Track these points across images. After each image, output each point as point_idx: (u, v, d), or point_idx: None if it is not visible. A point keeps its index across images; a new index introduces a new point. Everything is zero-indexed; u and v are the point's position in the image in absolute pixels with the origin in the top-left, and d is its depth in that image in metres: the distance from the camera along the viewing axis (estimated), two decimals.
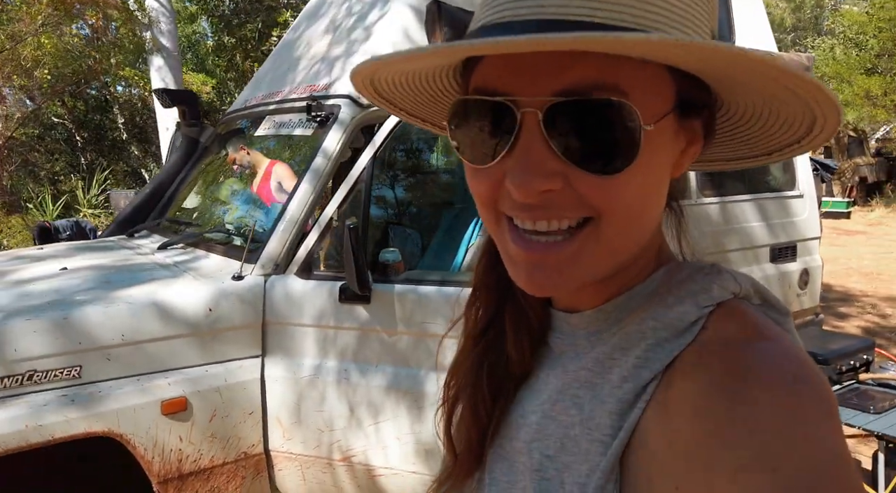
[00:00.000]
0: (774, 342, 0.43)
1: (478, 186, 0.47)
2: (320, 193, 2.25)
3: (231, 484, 2.09)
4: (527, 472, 0.52)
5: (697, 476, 0.38)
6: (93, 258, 2.41)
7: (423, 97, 0.55)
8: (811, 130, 0.44)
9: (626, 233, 0.46)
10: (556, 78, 0.41)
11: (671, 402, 0.43)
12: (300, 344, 2.10)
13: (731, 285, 0.48)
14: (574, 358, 0.53)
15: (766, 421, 0.38)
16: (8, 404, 1.75)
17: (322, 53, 2.79)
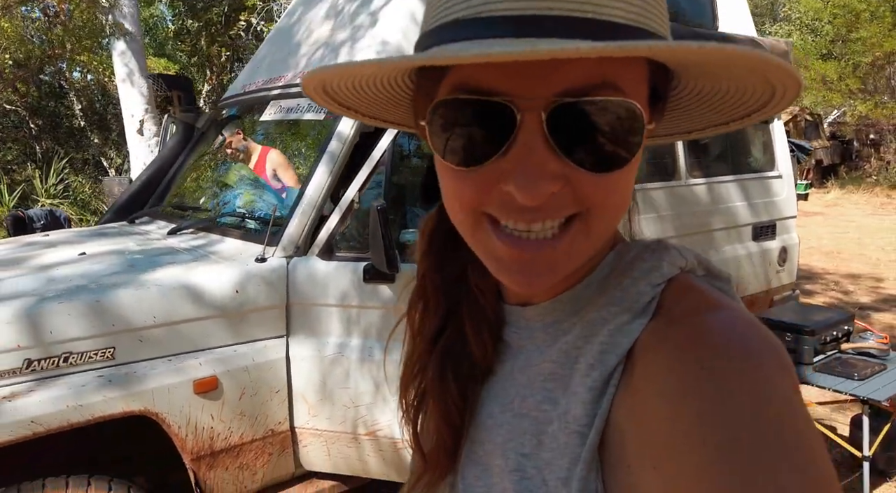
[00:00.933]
0: (727, 311, 0.44)
1: (462, 189, 0.45)
2: (337, 176, 2.30)
3: (259, 461, 2.15)
4: (504, 474, 0.51)
5: (671, 453, 0.39)
6: (108, 244, 2.42)
7: (381, 99, 0.52)
8: (770, 100, 0.44)
9: (612, 224, 0.47)
10: (556, 77, 0.40)
11: (637, 383, 0.44)
12: (324, 324, 2.16)
13: (678, 260, 0.49)
14: (535, 352, 0.52)
15: (727, 389, 0.38)
16: (47, 385, 1.77)
17: (325, 39, 2.82)
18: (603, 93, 0.41)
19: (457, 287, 0.57)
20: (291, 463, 2.24)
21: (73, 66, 13.89)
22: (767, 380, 0.39)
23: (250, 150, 3.42)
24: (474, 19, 0.41)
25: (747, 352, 0.40)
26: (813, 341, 2.64)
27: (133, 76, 7.80)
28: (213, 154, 3.41)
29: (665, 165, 3.19)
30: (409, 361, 0.61)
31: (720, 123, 0.50)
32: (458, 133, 0.43)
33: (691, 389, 0.39)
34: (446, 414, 0.56)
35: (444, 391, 0.56)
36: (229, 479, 2.09)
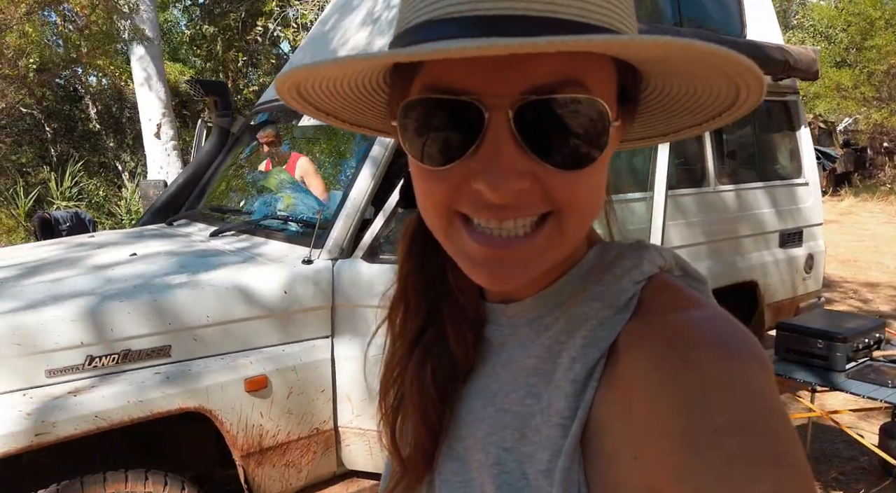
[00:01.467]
0: (705, 309, 0.45)
1: (432, 188, 0.45)
2: (379, 180, 2.35)
3: (304, 458, 2.19)
4: (483, 468, 0.51)
5: (651, 444, 0.40)
6: (155, 245, 2.47)
7: (358, 103, 0.52)
8: (736, 100, 0.45)
9: (585, 223, 0.47)
10: (522, 75, 0.41)
11: (619, 376, 0.45)
12: (368, 324, 2.21)
13: (657, 260, 0.51)
14: (519, 348, 0.53)
15: (708, 383, 0.40)
16: (108, 381, 1.83)
17: (362, 45, 2.88)
18: (568, 90, 0.41)
19: (437, 288, 0.57)
20: (334, 462, 2.29)
21: (88, 71, 14.07)
22: (745, 374, 0.40)
23: (282, 154, 3.49)
24: (443, 20, 0.41)
25: (725, 347, 0.42)
26: (845, 348, 2.66)
27: (151, 81, 7.92)
28: (248, 158, 3.48)
29: (694, 172, 3.22)
30: (389, 364, 0.61)
31: (693, 124, 0.51)
32: (428, 133, 0.44)
33: (671, 381, 0.41)
34: (424, 417, 0.56)
35: (424, 394, 0.56)
36: (276, 476, 2.14)
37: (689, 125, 0.52)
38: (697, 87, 0.45)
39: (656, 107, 0.51)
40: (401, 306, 0.60)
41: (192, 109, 14.87)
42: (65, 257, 2.33)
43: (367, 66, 0.46)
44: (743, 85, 0.42)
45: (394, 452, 0.59)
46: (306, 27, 11.51)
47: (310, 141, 3.14)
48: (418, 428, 0.57)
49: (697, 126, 0.51)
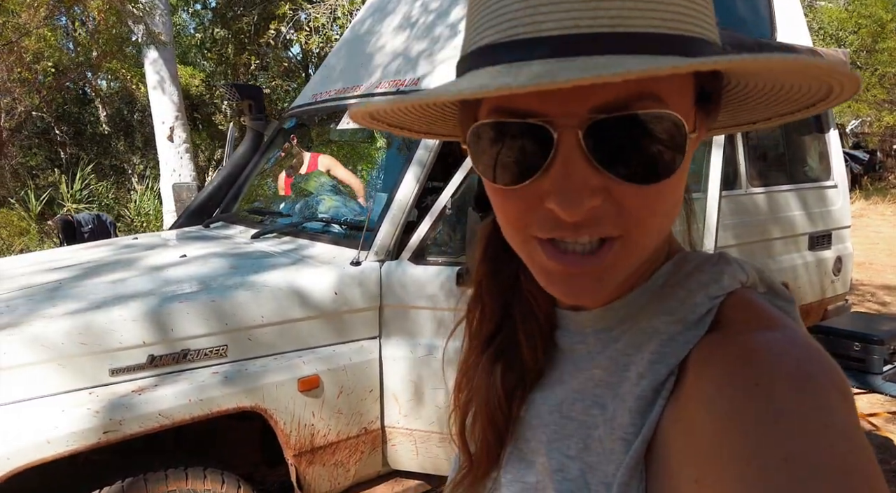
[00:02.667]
0: (785, 331, 0.43)
1: (507, 206, 0.46)
2: (423, 183, 2.37)
3: (352, 458, 2.22)
4: (546, 473, 0.52)
5: (714, 468, 0.38)
6: (202, 247, 2.51)
7: (429, 117, 0.53)
8: (827, 96, 0.43)
9: (658, 236, 0.47)
10: (592, 94, 0.40)
11: (686, 396, 0.44)
12: (415, 326, 2.24)
13: (739, 275, 0.49)
14: (586, 357, 0.53)
15: (780, 409, 0.37)
16: (171, 380, 1.86)
17: (401, 50, 2.91)
18: (641, 106, 0.40)
19: (511, 293, 0.58)
20: (380, 462, 2.31)
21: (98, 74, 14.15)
22: (823, 403, 0.38)
23: (301, 157, 3.53)
24: (505, 43, 0.41)
25: (803, 374, 0.39)
26: (882, 350, 2.68)
27: (164, 84, 7.98)
28: (277, 161, 3.52)
29: (727, 175, 3.24)
30: (464, 362, 0.62)
31: (786, 112, 0.49)
32: (497, 155, 0.44)
33: (741, 407, 0.39)
34: (491, 416, 0.57)
35: (491, 394, 0.57)
36: (325, 475, 2.16)
37: (781, 113, 0.50)
38: (784, 85, 0.44)
39: (744, 98, 0.49)
40: (476, 307, 0.61)
41: (203, 113, 14.96)
42: (117, 259, 2.37)
43: (433, 103, 0.48)
44: (836, 84, 0.41)
45: (462, 447, 0.60)
46: (318, 30, 11.57)
47: (346, 144, 3.17)
48: (485, 427, 0.58)
49: (790, 114, 0.49)
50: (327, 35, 11.46)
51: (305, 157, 3.60)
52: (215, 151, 14.33)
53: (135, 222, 10.09)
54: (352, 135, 3.10)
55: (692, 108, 0.44)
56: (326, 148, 3.68)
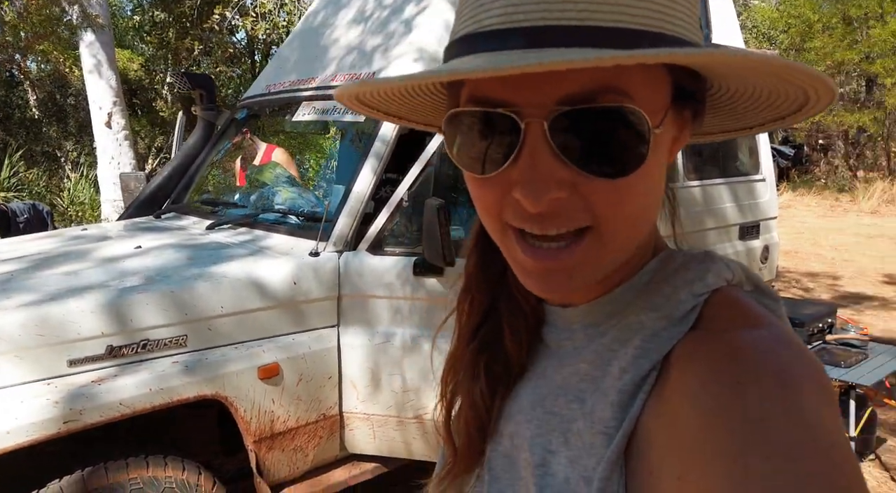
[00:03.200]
0: (770, 329, 0.43)
1: (482, 195, 0.47)
2: (380, 176, 2.44)
3: (311, 443, 2.28)
4: (528, 468, 0.52)
5: (698, 464, 0.38)
6: (157, 238, 2.50)
7: (421, 105, 0.54)
8: (804, 106, 0.44)
9: (630, 232, 0.46)
10: (558, 85, 0.41)
11: (670, 391, 0.44)
12: (373, 315, 2.31)
13: (724, 273, 0.49)
14: (572, 352, 0.53)
15: (763, 407, 0.38)
16: (131, 370, 1.87)
17: (356, 44, 2.95)
18: (606, 98, 0.41)
19: (498, 286, 0.59)
20: (338, 446, 2.38)
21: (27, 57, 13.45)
22: (806, 404, 0.38)
23: (256, 147, 3.53)
24: (480, 33, 0.42)
25: (788, 372, 0.40)
26: (803, 332, 2.91)
27: (101, 68, 7.70)
28: (229, 152, 3.51)
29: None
30: (452, 354, 0.62)
31: (776, 118, 0.49)
32: (470, 143, 0.45)
33: (726, 404, 0.39)
34: (474, 409, 0.57)
35: (475, 386, 0.57)
36: (284, 460, 2.22)
37: (770, 120, 0.50)
38: (763, 90, 0.45)
39: (730, 103, 0.50)
40: (466, 299, 0.61)
41: (142, 98, 14.44)
42: (69, 250, 2.34)
43: (411, 85, 0.49)
44: (811, 90, 0.42)
45: (447, 440, 0.61)
46: (265, 17, 11.35)
47: (300, 136, 3.19)
48: (468, 419, 0.58)
49: (779, 121, 0.49)
50: (274, 21, 11.26)
51: (261, 147, 3.59)
52: (156, 139, 13.87)
53: (69, 212, 9.70)
54: (307, 126, 3.12)
55: (665, 105, 0.44)
56: (277, 138, 3.69)
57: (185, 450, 2.16)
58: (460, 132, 0.46)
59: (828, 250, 8.83)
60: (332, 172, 3.25)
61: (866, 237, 9.39)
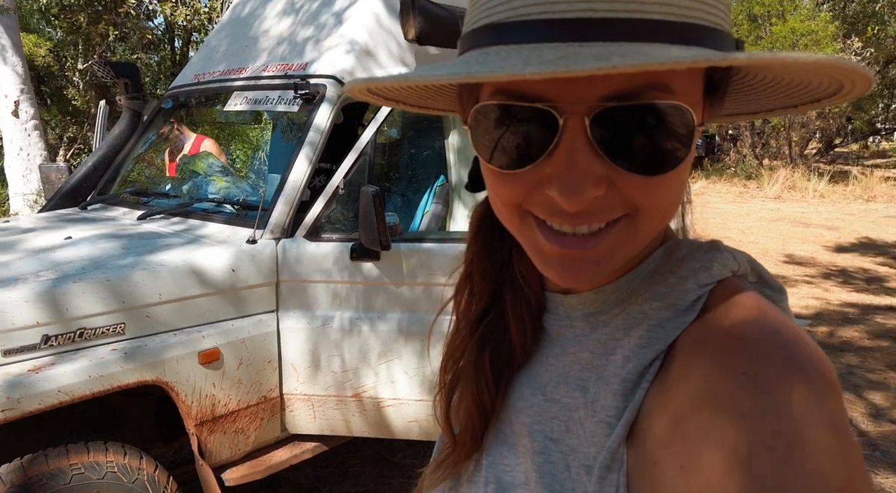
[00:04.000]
0: (774, 321, 0.43)
1: (505, 190, 0.45)
2: (315, 164, 2.51)
3: (252, 425, 2.35)
4: (528, 454, 0.52)
5: (699, 454, 0.38)
6: (87, 229, 2.48)
7: (425, 92, 0.52)
8: (837, 92, 0.42)
9: (660, 222, 0.46)
10: (603, 81, 0.39)
11: (673, 381, 0.43)
12: (312, 299, 2.39)
13: (730, 263, 0.48)
14: (573, 340, 0.53)
15: (766, 399, 0.38)
16: (68, 358, 1.88)
17: (286, 35, 2.99)
18: (650, 95, 0.40)
19: (501, 274, 0.58)
20: (279, 427, 2.45)
21: None
22: (810, 395, 0.38)
23: (184, 137, 3.51)
24: (514, 23, 0.40)
25: (791, 364, 0.39)
26: None
27: (6, 53, 7.31)
28: (157, 142, 3.47)
29: None
30: (451, 342, 0.62)
31: (789, 105, 0.48)
32: (499, 137, 0.43)
33: (728, 395, 0.39)
34: (478, 398, 0.57)
35: (479, 375, 0.57)
36: (226, 443, 2.28)
37: (786, 105, 0.49)
38: (794, 79, 0.43)
39: (749, 89, 0.48)
40: (465, 287, 0.61)
41: (52, 86, 13.66)
42: None
43: (434, 83, 0.46)
44: (848, 82, 0.39)
45: (446, 427, 0.60)
46: (185, 2, 10.97)
47: (229, 126, 3.20)
48: (470, 408, 0.57)
49: (793, 107, 0.48)
50: (195, 7, 10.91)
51: (189, 138, 3.56)
52: (68, 129, 13.17)
53: None
54: (237, 116, 3.13)
55: (701, 99, 0.44)
56: (206, 128, 3.67)
57: (125, 437, 2.18)
58: (488, 125, 0.44)
59: (736, 232, 9.47)
60: (265, 162, 3.27)
61: (770, 221, 10.13)
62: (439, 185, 3.12)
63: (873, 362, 4.31)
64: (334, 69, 2.63)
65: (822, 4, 16.81)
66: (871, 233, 9.05)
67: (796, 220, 10.25)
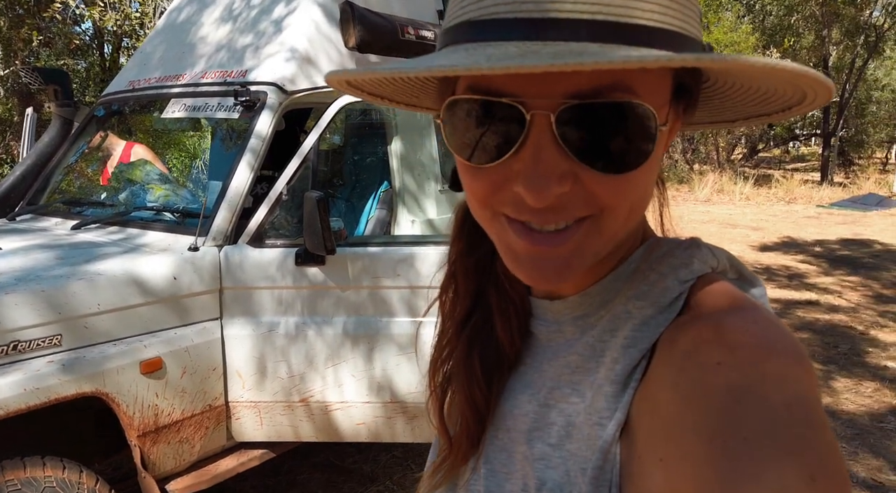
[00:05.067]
0: (753, 313, 0.44)
1: (474, 184, 0.46)
2: (258, 170, 2.51)
3: (197, 434, 2.32)
4: (527, 461, 0.52)
5: (678, 446, 0.39)
6: (17, 239, 2.39)
7: (409, 88, 0.53)
8: (802, 101, 0.43)
9: (627, 221, 0.46)
10: (569, 79, 0.40)
11: (653, 375, 0.45)
12: (257, 305, 2.39)
13: (709, 260, 0.49)
14: (564, 345, 0.53)
15: (742, 389, 0.38)
16: (1, 372, 1.83)
17: (225, 42, 2.98)
18: (615, 95, 0.40)
19: (486, 273, 0.58)
20: (224, 436, 2.43)
21: None
22: (786, 385, 0.38)
23: (113, 144, 3.42)
24: (486, 20, 0.41)
25: (768, 353, 0.40)
26: None
27: None
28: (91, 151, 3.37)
29: None
30: (439, 343, 0.61)
31: (762, 113, 0.49)
32: (469, 132, 0.44)
33: (705, 386, 0.40)
34: (471, 399, 0.56)
35: (470, 376, 0.56)
36: (170, 453, 2.25)
37: (759, 113, 0.50)
38: (761, 87, 0.45)
39: (722, 96, 0.49)
40: (450, 287, 0.60)
41: None
42: None
43: (409, 76, 0.48)
44: (810, 91, 0.41)
45: (441, 429, 0.60)
46: (114, 6, 10.62)
47: (167, 133, 3.15)
48: (464, 410, 0.57)
49: (766, 116, 0.49)
50: (126, 12, 10.58)
51: (119, 145, 3.46)
52: None
53: None
54: (175, 123, 3.09)
55: (667, 101, 0.44)
56: (140, 136, 3.59)
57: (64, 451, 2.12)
58: (459, 120, 0.45)
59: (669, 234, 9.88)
60: (204, 170, 3.24)
61: (700, 223, 10.60)
62: (383, 190, 3.16)
63: None
64: (275, 76, 2.64)
65: (742, 17, 17.76)
66: (793, 233, 9.61)
67: (725, 221, 10.77)
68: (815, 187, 14.62)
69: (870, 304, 5.77)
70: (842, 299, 5.96)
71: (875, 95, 20.42)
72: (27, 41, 11.29)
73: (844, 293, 6.15)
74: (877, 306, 5.68)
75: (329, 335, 2.39)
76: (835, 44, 17.26)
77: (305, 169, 2.45)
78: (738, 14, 17.82)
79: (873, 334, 4.97)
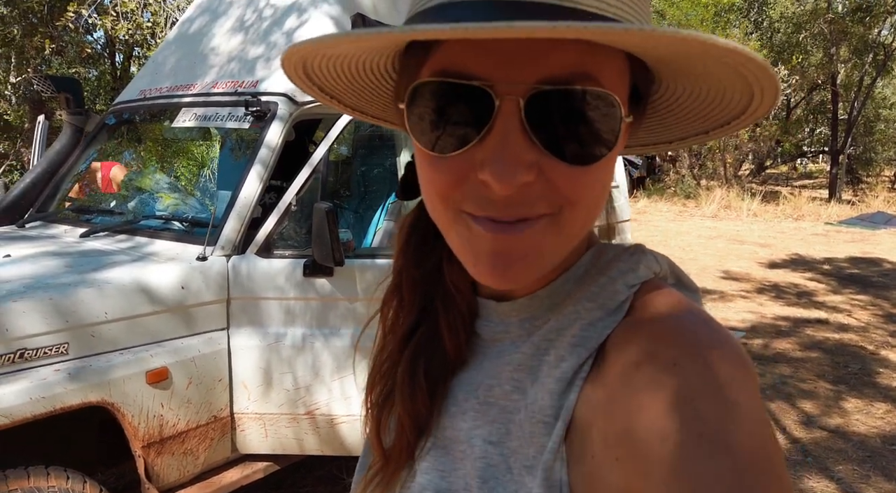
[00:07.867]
0: (695, 315, 0.46)
1: (437, 176, 0.45)
2: (267, 180, 2.51)
3: (202, 445, 2.30)
4: (467, 459, 0.52)
5: (633, 446, 0.40)
6: (27, 247, 2.39)
7: (364, 88, 0.52)
8: (748, 108, 0.45)
9: (586, 220, 0.47)
10: (536, 64, 0.40)
11: (606, 377, 0.45)
12: (264, 316, 2.37)
13: (653, 266, 0.51)
14: (510, 346, 0.53)
15: (694, 388, 0.40)
16: (8, 380, 1.81)
17: (236, 52, 2.99)
18: (582, 84, 0.41)
19: (432, 283, 0.58)
20: (229, 448, 2.41)
21: None
22: (732, 382, 0.40)
23: (93, 169, 3.39)
24: (459, 3, 0.41)
25: (715, 355, 0.42)
26: None
27: None
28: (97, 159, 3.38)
29: None
30: (377, 358, 0.61)
31: (700, 131, 0.51)
32: (435, 118, 0.43)
33: (657, 385, 0.41)
34: (413, 412, 0.56)
35: (414, 391, 0.56)
36: (174, 464, 2.22)
37: (697, 132, 0.52)
38: (710, 89, 0.45)
39: (665, 110, 0.51)
40: (394, 299, 0.60)
41: None
42: None
43: (381, 42, 0.45)
44: (757, 88, 0.42)
45: (376, 445, 0.59)
46: (127, 16, 10.73)
47: (177, 142, 3.16)
48: (403, 420, 0.56)
49: (704, 134, 0.51)
50: (137, 22, 10.68)
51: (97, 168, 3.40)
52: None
53: None
54: (184, 133, 3.10)
55: (626, 100, 0.45)
56: (154, 145, 3.60)
57: (68, 461, 2.10)
58: (424, 105, 0.44)
59: (675, 249, 9.83)
60: (214, 179, 3.24)
61: (707, 238, 10.57)
62: (392, 202, 3.15)
63: (804, 373, 4.55)
64: (286, 87, 2.64)
65: (750, 34, 17.81)
66: (801, 250, 9.56)
67: (732, 237, 10.73)
68: (824, 205, 14.57)
69: (880, 323, 5.71)
70: (851, 318, 5.91)
71: (883, 113, 20.41)
72: (39, 49, 11.42)
73: (854, 312, 6.09)
74: (887, 326, 5.62)
75: (336, 347, 2.38)
76: (843, 62, 17.27)
77: (315, 180, 2.45)
78: (746, 31, 17.87)
79: (884, 354, 4.91)
